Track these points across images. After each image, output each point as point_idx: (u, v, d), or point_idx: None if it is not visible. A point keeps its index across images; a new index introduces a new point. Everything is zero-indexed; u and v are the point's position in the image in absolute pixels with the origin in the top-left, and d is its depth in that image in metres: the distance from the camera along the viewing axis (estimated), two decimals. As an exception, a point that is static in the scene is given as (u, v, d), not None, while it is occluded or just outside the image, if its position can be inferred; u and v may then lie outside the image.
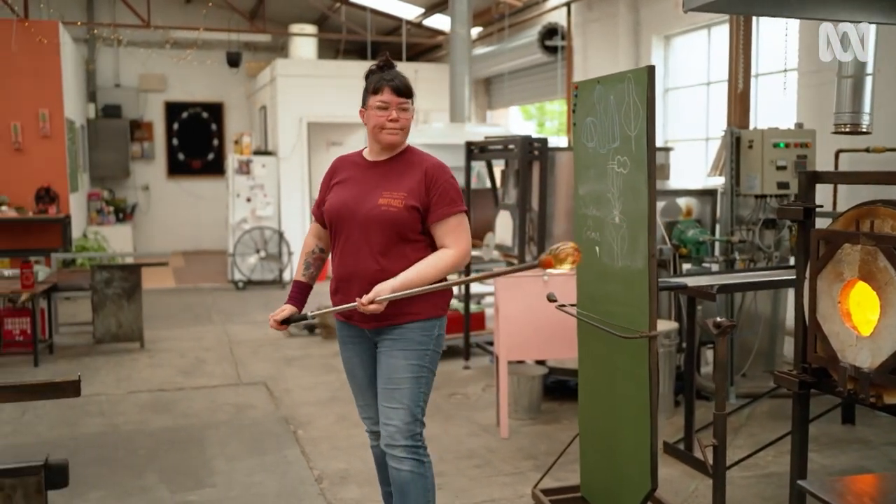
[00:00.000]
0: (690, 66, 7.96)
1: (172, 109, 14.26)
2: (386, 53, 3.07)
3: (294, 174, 11.17)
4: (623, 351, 3.26)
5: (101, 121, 13.32)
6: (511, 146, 5.77)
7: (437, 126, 8.44)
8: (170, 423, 5.11)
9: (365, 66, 3.20)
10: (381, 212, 2.87)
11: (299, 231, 10.85)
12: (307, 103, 11.32)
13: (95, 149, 13.08)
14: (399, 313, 2.89)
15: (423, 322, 2.93)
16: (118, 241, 11.90)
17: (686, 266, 5.56)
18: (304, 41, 12.66)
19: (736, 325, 3.28)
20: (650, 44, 8.16)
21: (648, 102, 3.03)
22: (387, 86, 2.93)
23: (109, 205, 12.77)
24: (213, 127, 14.49)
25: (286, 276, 10.89)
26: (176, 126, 14.31)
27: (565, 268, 2.75)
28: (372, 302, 2.77)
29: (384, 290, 2.78)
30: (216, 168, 14.33)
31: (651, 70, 3.04)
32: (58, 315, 7.72)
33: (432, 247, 2.96)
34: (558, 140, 9.53)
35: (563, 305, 3.62)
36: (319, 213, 3.10)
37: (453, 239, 2.92)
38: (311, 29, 12.75)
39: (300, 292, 3.09)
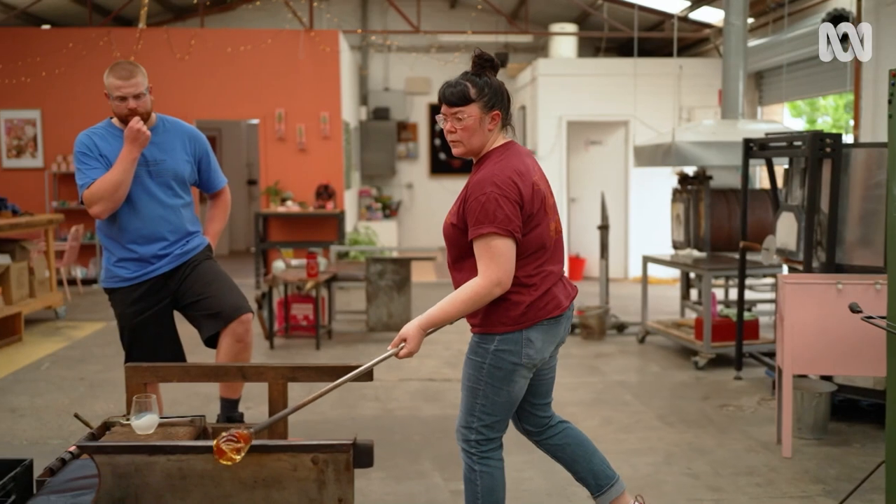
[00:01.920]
0: None
1: (435, 111, 14.77)
2: (477, 49, 2.98)
3: (552, 173, 11.19)
4: (949, 372, 2.87)
5: (371, 122, 14.17)
6: (797, 143, 5.34)
7: (707, 123, 8.05)
8: (439, 413, 5.29)
9: (628, 63, 3.07)
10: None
11: (556, 230, 10.86)
12: (567, 102, 11.32)
13: (366, 149, 13.95)
14: (470, 323, 2.90)
15: (480, 335, 2.87)
16: (385, 235, 12.60)
17: None
18: (564, 40, 12.65)
19: None
20: (960, 27, 7.24)
21: None
22: (442, 96, 2.88)
23: (377, 201, 13.56)
24: (473, 127, 14.91)
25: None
26: (437, 127, 14.89)
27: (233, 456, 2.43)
28: (403, 342, 2.77)
29: (410, 328, 2.77)
30: (475, 167, 14.76)
31: None
32: (334, 303, 8.30)
33: None
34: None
35: (871, 318, 3.27)
36: None
37: (482, 266, 2.73)
38: (571, 28, 12.72)
39: None
